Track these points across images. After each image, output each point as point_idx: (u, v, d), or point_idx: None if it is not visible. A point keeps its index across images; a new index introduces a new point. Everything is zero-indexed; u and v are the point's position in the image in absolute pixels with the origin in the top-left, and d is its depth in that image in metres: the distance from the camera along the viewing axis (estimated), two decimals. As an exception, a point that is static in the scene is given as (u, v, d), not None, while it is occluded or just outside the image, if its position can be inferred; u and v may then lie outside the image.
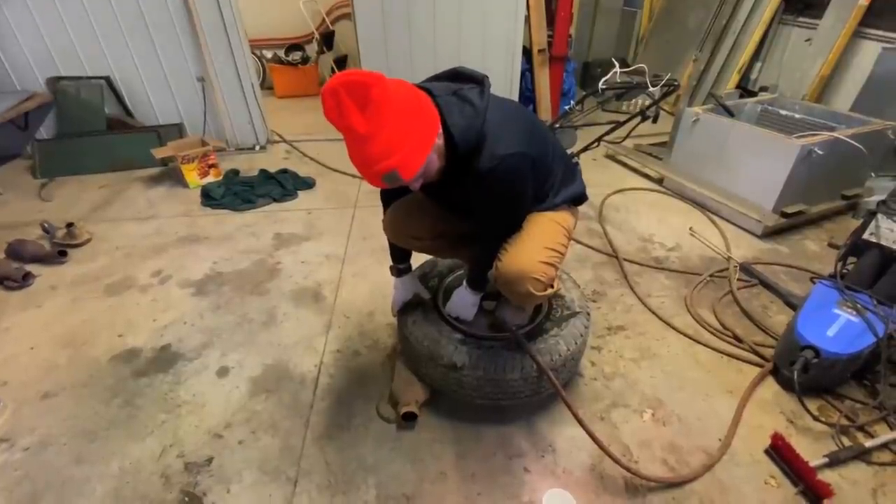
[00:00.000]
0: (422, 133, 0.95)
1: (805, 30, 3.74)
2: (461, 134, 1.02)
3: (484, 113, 1.04)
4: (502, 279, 1.23)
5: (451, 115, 1.03)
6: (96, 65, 3.38)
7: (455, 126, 1.02)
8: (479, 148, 1.04)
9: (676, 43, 4.56)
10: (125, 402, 1.62)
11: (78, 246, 2.49)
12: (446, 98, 1.05)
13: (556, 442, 1.46)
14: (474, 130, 1.03)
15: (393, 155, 0.90)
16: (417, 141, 0.93)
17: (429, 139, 0.96)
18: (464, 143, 1.03)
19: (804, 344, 1.55)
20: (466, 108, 1.04)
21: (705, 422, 1.53)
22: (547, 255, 1.22)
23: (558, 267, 1.29)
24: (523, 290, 1.21)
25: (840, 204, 2.71)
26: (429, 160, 0.98)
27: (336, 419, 1.54)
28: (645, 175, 3.29)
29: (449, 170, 1.09)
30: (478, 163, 1.04)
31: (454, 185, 1.13)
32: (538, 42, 3.78)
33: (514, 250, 1.21)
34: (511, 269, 1.20)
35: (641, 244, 2.51)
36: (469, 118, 1.03)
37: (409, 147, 0.92)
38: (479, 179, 1.05)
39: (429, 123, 0.97)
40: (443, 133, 1.02)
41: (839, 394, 1.61)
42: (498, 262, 1.23)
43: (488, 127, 1.04)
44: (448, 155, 1.06)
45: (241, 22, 3.44)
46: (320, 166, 3.49)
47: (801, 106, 3.03)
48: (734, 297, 2.07)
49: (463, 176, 1.08)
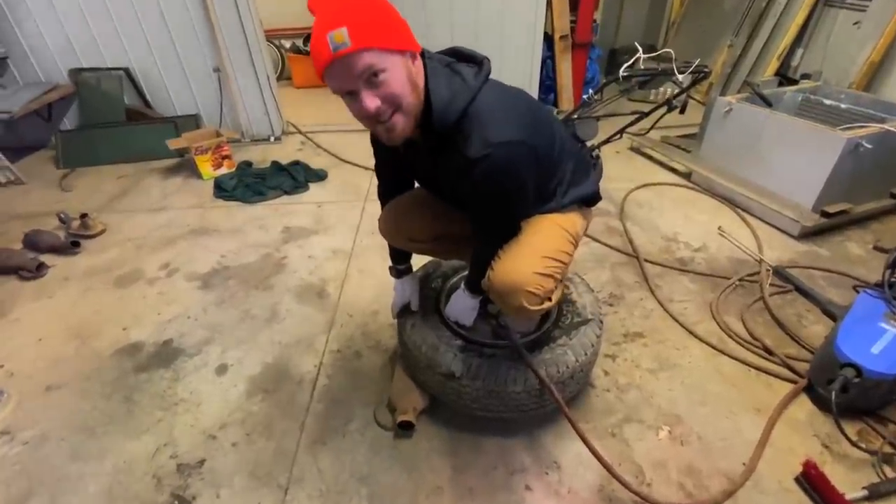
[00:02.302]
0: (394, 28, 0.85)
1: (853, 12, 3.43)
2: (441, 105, 0.91)
3: (475, 92, 0.92)
4: (493, 291, 1.12)
5: (436, 81, 0.92)
6: (116, 56, 3.42)
7: (437, 93, 0.91)
8: (468, 132, 0.92)
9: (711, 28, 4.29)
10: (125, 397, 1.60)
11: (92, 237, 2.52)
12: (436, 65, 0.95)
13: (562, 458, 1.36)
14: (457, 107, 0.91)
15: (350, 17, 0.79)
16: (386, 26, 0.83)
17: (400, 37, 0.85)
18: (442, 115, 0.92)
19: (844, 361, 1.40)
20: (456, 80, 0.94)
21: (728, 442, 1.41)
22: (544, 266, 1.09)
23: (558, 279, 1.16)
24: (516, 304, 1.08)
25: (889, 203, 2.47)
26: (394, 70, 0.85)
27: (332, 423, 1.48)
28: (672, 169, 3.11)
29: (428, 143, 0.98)
30: (467, 149, 0.92)
31: (442, 168, 1.02)
32: (560, 28, 3.61)
33: (508, 259, 1.09)
34: (503, 280, 1.08)
35: (665, 244, 2.36)
36: (456, 92, 0.92)
37: (373, 20, 0.81)
38: (470, 168, 0.92)
39: (406, 33, 0.88)
40: (423, 99, 0.92)
41: (882, 417, 1.44)
42: (489, 272, 1.11)
43: (479, 109, 0.92)
44: (424, 124, 0.95)
45: (256, 12, 3.40)
46: (333, 158, 3.43)
47: (847, 95, 2.77)
48: (765, 303, 1.91)
49: (449, 159, 0.97)
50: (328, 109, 4.37)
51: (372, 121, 0.90)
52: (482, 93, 0.94)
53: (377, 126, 0.92)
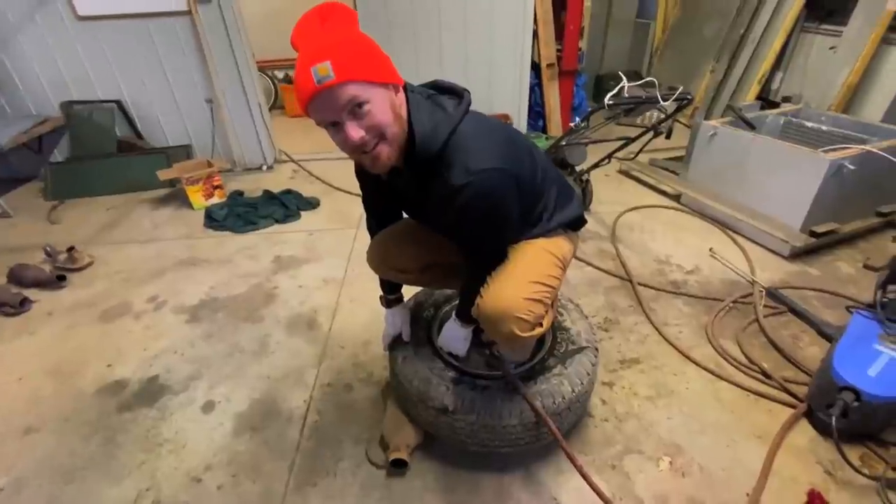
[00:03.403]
0: (376, 61, 0.86)
1: (829, 37, 3.56)
2: (424, 135, 0.93)
3: (456, 122, 0.94)
4: (483, 318, 1.10)
5: (418, 112, 0.94)
6: (108, 89, 3.44)
7: (419, 123, 0.93)
8: (450, 161, 0.93)
9: (692, 54, 4.42)
10: (106, 439, 1.54)
11: (78, 270, 2.48)
12: (418, 97, 0.96)
13: (561, 495, 1.31)
14: (439, 137, 0.93)
15: (334, 52, 0.80)
16: (368, 60, 0.85)
17: (382, 70, 0.87)
18: (425, 145, 0.93)
19: (842, 384, 1.38)
20: (438, 112, 0.96)
21: (730, 472, 1.37)
22: (533, 291, 1.08)
23: (548, 304, 1.15)
24: (506, 331, 1.07)
25: (875, 221, 2.50)
26: (377, 101, 0.86)
27: (322, 463, 1.43)
28: (661, 192, 3.14)
29: (412, 173, 0.99)
30: (450, 177, 0.93)
31: (427, 196, 1.02)
32: (547, 57, 3.70)
33: (496, 285, 1.08)
34: (492, 307, 1.07)
35: (657, 266, 2.36)
36: (438, 123, 0.94)
37: (355, 54, 0.83)
38: (453, 195, 0.94)
39: (388, 66, 0.89)
40: (406, 129, 0.94)
41: (883, 441, 1.42)
42: (479, 300, 1.10)
43: (460, 139, 0.94)
44: (409, 153, 0.96)
45: (249, 44, 3.46)
46: (325, 185, 3.44)
47: (827, 117, 2.85)
48: (760, 325, 1.90)
49: (433, 187, 0.98)
50: (320, 137, 4.36)
51: (357, 151, 0.91)
52: (463, 123, 0.95)
53: (362, 156, 0.92)
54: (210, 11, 3.24)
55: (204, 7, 3.22)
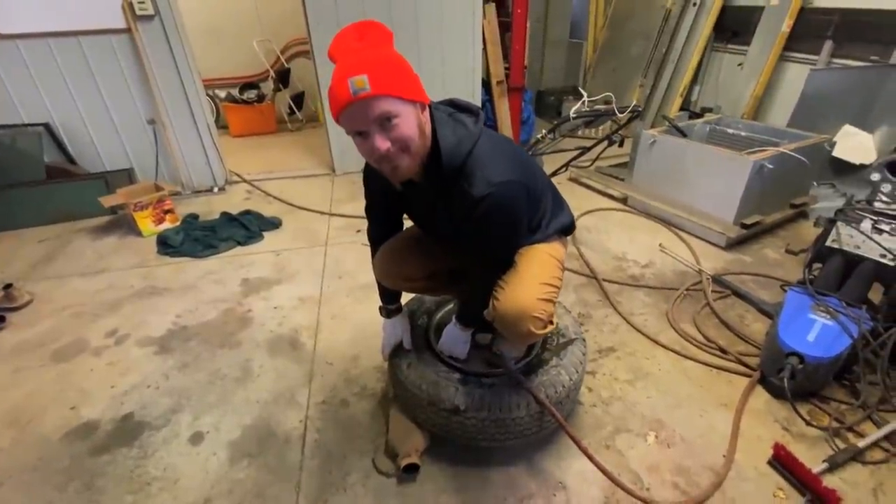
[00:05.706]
0: (408, 80, 0.93)
1: (736, 55, 4.08)
2: (449, 149, 1.01)
3: (476, 139, 1.03)
4: (501, 320, 1.18)
5: (443, 129, 1.02)
6: (34, 111, 3.16)
7: (445, 139, 1.01)
8: (471, 173, 1.02)
9: (622, 70, 4.85)
10: (84, 485, 1.42)
11: (17, 309, 2.25)
12: (442, 114, 1.04)
13: (566, 479, 1.40)
14: (462, 152, 1.02)
15: (371, 66, 0.87)
16: (401, 78, 0.91)
17: (413, 89, 0.93)
18: (450, 159, 1.01)
19: (788, 351, 1.60)
20: (459, 128, 1.04)
21: (707, 438, 1.53)
22: (544, 292, 1.18)
23: (555, 302, 1.25)
24: (524, 330, 1.16)
25: (790, 212, 2.89)
26: (406, 117, 0.92)
27: (330, 479, 1.42)
28: (609, 196, 3.41)
29: (431, 184, 1.06)
30: (471, 189, 1.01)
31: (442, 206, 1.10)
32: (496, 74, 3.91)
33: (511, 288, 1.17)
34: (510, 309, 1.15)
35: (616, 263, 2.56)
36: (461, 138, 1.02)
37: (391, 71, 0.89)
38: (474, 205, 1.02)
39: (418, 86, 0.96)
40: (430, 143, 1.02)
41: (825, 396, 1.66)
42: (495, 302, 1.18)
43: (480, 153, 1.03)
44: (430, 166, 1.03)
45: (195, 61, 3.34)
46: (285, 205, 3.37)
47: (744, 124, 3.25)
48: (712, 308, 2.13)
49: (449, 199, 1.06)
50: (269, 157, 4.31)
51: (380, 160, 0.96)
52: (481, 139, 1.04)
53: (383, 165, 0.98)
54: (151, 29, 3.11)
55: (145, 24, 3.08)
